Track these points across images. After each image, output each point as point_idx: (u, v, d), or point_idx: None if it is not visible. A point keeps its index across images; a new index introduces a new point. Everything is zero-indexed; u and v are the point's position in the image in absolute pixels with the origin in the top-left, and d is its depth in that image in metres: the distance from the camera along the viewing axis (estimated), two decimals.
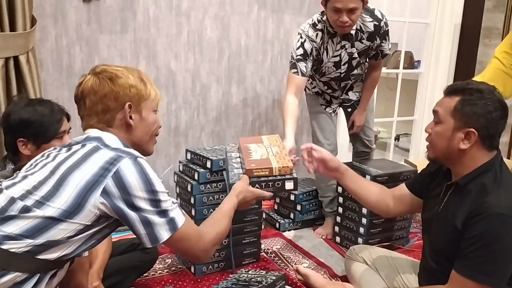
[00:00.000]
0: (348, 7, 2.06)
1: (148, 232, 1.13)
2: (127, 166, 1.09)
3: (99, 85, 1.19)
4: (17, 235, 1.02)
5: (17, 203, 1.05)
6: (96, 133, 1.19)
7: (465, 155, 1.41)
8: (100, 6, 2.33)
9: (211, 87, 2.74)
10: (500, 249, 1.29)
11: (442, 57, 3.67)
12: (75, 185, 1.06)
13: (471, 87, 1.42)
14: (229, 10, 2.69)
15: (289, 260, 2.28)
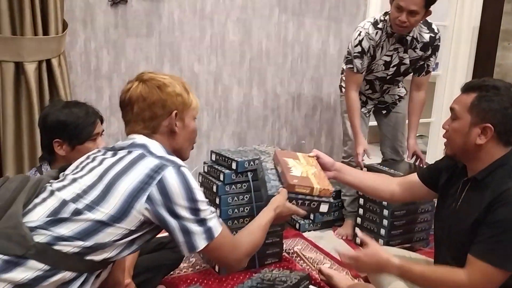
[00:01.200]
0: (410, 8, 2.14)
1: (186, 240, 1.16)
2: (171, 175, 1.13)
3: (148, 92, 1.23)
4: (69, 237, 1.07)
5: (69, 205, 1.10)
6: (142, 140, 1.22)
7: (481, 150, 1.44)
8: (127, 10, 2.39)
9: (232, 89, 2.79)
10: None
11: (460, 59, 3.68)
12: (122, 191, 1.11)
13: (487, 84, 1.45)
14: (251, 13, 2.73)
15: (310, 260, 2.31)
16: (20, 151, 2.02)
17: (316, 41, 2.98)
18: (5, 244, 1.03)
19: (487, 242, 1.36)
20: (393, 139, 2.66)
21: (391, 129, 2.67)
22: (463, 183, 1.53)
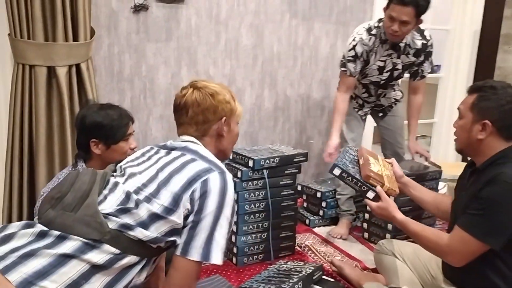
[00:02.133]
0: (402, 18, 2.27)
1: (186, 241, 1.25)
2: (215, 178, 1.28)
3: (202, 99, 1.38)
4: (133, 225, 1.20)
5: (132, 197, 1.23)
6: (194, 147, 1.36)
7: (483, 144, 1.61)
8: (148, 17, 2.52)
9: (245, 91, 2.92)
10: (501, 213, 1.49)
11: (462, 62, 3.81)
12: (175, 186, 1.25)
13: (486, 85, 1.64)
14: (263, 18, 2.86)
15: (322, 253, 2.45)
16: (51, 149, 2.15)
17: (324, 45, 3.12)
18: (85, 229, 1.16)
19: (472, 215, 1.54)
20: (393, 142, 2.80)
21: (391, 132, 2.80)
22: (469, 174, 1.71)
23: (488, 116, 1.59)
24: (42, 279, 1.08)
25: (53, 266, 1.10)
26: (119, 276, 1.19)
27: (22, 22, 2.02)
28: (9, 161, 2.15)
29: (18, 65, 2.07)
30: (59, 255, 1.12)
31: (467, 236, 1.53)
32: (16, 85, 2.08)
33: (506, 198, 1.49)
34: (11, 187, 2.17)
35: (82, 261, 1.13)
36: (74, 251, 1.14)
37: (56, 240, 1.15)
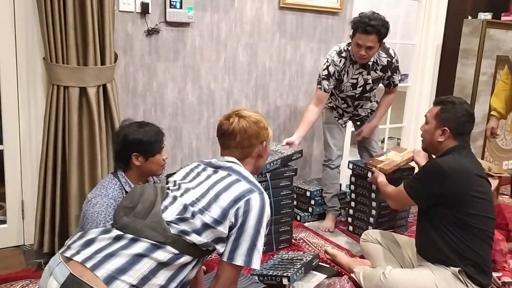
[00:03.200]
0: (367, 45, 2.67)
1: (232, 249, 1.50)
2: (255, 198, 1.54)
3: (248, 127, 1.65)
4: (189, 232, 1.47)
5: (189, 209, 1.50)
6: (237, 167, 1.63)
7: (441, 145, 2.16)
8: (158, 39, 2.83)
9: (241, 102, 3.27)
10: (420, 173, 2.20)
11: (427, 73, 4.29)
12: (223, 203, 1.51)
13: (448, 100, 2.17)
14: (257, 38, 3.22)
15: (314, 245, 2.84)
16: (81, 160, 2.43)
17: (309, 60, 3.50)
18: (152, 233, 1.44)
19: (410, 178, 2.24)
20: (368, 146, 3.22)
21: (366, 139, 3.20)
22: None
23: (447, 124, 2.10)
24: (122, 274, 1.35)
25: (130, 264, 1.37)
26: (177, 271, 1.47)
27: (58, 49, 2.30)
28: (43, 170, 2.42)
29: (53, 86, 2.34)
30: (134, 255, 1.39)
31: (401, 188, 2.21)
32: (51, 103, 2.35)
33: (427, 168, 2.16)
34: (44, 194, 2.45)
35: (151, 259, 1.40)
36: (145, 251, 1.41)
37: (130, 242, 1.42)
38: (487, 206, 2.10)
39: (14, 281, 2.22)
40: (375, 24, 2.64)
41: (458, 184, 2.03)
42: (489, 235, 2.11)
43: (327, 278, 2.34)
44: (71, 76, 2.33)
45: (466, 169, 2.07)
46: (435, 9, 4.16)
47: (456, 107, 2.12)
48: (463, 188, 2.04)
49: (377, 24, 2.65)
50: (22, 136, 2.53)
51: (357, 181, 2.98)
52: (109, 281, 1.34)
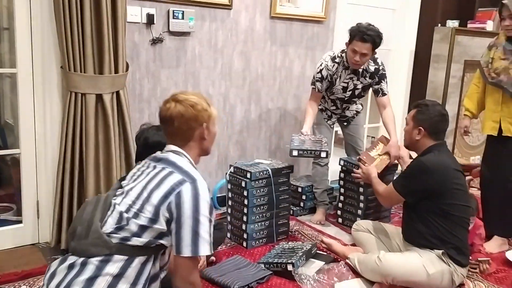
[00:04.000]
0: (362, 51, 2.96)
1: (176, 243, 1.53)
2: (186, 189, 1.54)
3: (185, 110, 1.63)
4: (130, 237, 1.52)
5: (124, 216, 1.54)
6: (173, 157, 1.64)
7: (419, 143, 2.49)
8: (162, 48, 3.03)
9: (237, 106, 3.50)
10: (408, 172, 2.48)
11: (401, 76, 4.64)
12: (155, 200, 1.54)
13: (423, 103, 2.52)
14: (250, 46, 3.46)
15: (309, 236, 3.10)
16: (97, 162, 2.61)
17: (297, 66, 3.77)
18: (96, 249, 1.50)
19: (398, 177, 2.52)
20: (354, 145, 3.50)
21: (353, 138, 3.49)
22: None
23: (423, 124, 2.43)
24: None
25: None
26: (138, 274, 1.53)
27: (76, 59, 2.47)
28: (61, 171, 2.58)
29: (71, 93, 2.51)
30: (87, 280, 1.47)
31: (392, 187, 2.48)
32: (69, 109, 2.52)
33: (414, 167, 2.45)
34: (62, 194, 2.61)
35: (104, 276, 1.47)
36: (95, 272, 1.48)
37: (81, 267, 1.49)
38: (464, 196, 2.42)
39: (39, 275, 2.38)
40: (371, 34, 2.94)
41: (440, 179, 2.33)
42: (466, 221, 2.43)
43: (326, 264, 2.61)
44: (88, 83, 2.51)
45: (446, 165, 2.39)
46: (408, 18, 4.51)
47: (429, 109, 2.45)
48: (445, 182, 2.35)
49: (373, 34, 2.95)
50: (37, 140, 2.68)
51: (346, 177, 3.26)
52: None
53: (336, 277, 2.48)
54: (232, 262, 2.60)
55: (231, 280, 2.36)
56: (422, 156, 2.46)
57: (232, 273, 2.46)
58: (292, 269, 2.45)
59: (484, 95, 3.05)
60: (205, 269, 2.45)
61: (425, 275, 2.31)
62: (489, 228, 2.92)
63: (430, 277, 2.32)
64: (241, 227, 2.87)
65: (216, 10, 3.22)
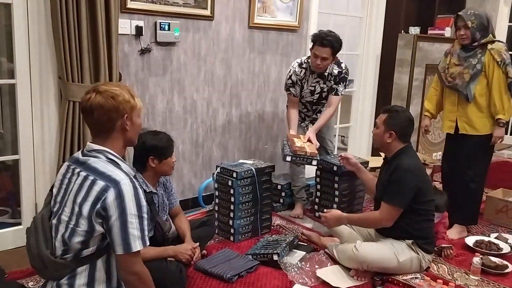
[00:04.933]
0: (322, 55, 3.24)
1: (112, 243, 1.59)
2: (111, 195, 1.55)
3: (105, 102, 1.59)
4: (79, 251, 1.62)
5: (65, 238, 1.61)
6: (94, 162, 1.62)
7: (390, 145, 2.74)
8: (150, 57, 3.23)
9: (219, 110, 3.73)
10: (404, 187, 2.58)
11: (369, 79, 4.98)
12: (85, 212, 1.58)
13: (393, 109, 2.79)
14: (231, 54, 3.70)
15: (290, 229, 3.38)
16: None
17: (273, 71, 4.03)
18: (59, 273, 1.62)
19: (390, 193, 2.64)
20: (325, 145, 3.76)
21: (323, 138, 3.73)
22: (384, 163, 2.81)
23: (394, 129, 2.70)
24: None
25: None
26: (107, 270, 1.67)
27: (74, 70, 2.66)
28: None
29: (69, 102, 2.69)
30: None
31: (390, 206, 2.61)
32: (67, 117, 2.70)
33: (403, 178, 2.61)
34: None
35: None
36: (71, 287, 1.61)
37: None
38: (431, 190, 2.74)
39: None
40: (330, 39, 3.22)
41: (421, 179, 2.66)
42: (432, 213, 2.76)
43: (307, 254, 2.88)
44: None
45: (420, 166, 2.71)
46: (374, 25, 4.85)
47: (399, 114, 2.74)
48: (423, 181, 2.67)
49: (332, 39, 3.23)
50: (35, 146, 2.84)
51: (322, 174, 3.55)
52: None
53: (317, 264, 2.75)
54: (222, 255, 2.84)
55: (223, 270, 2.61)
56: (394, 160, 2.70)
57: (223, 264, 2.70)
58: (278, 259, 2.71)
59: (442, 97, 3.40)
60: (198, 262, 2.67)
61: (396, 262, 2.62)
62: (450, 217, 3.26)
63: (401, 264, 2.63)
64: (228, 222, 3.11)
65: (199, 21, 3.45)
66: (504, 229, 3.48)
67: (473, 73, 3.10)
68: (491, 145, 3.22)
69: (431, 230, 2.78)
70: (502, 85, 3.08)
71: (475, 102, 3.14)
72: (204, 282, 2.55)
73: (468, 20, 3.06)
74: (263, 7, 3.81)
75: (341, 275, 2.67)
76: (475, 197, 3.32)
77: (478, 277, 2.72)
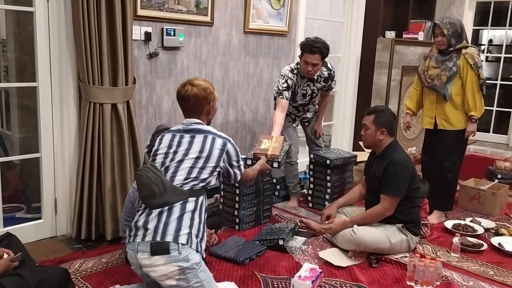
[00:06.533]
0: (313, 62, 3.54)
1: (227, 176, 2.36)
2: (230, 146, 2.28)
3: (198, 92, 2.26)
4: (197, 184, 2.18)
5: (193, 170, 2.20)
6: (203, 127, 2.29)
7: (381, 142, 3.06)
8: (157, 61, 3.47)
9: (218, 110, 3.99)
10: (401, 179, 2.93)
11: (350, 80, 5.34)
12: (215, 157, 2.24)
13: (377, 109, 3.12)
14: (228, 57, 3.97)
15: (287, 218, 3.68)
16: (113, 161, 3.01)
17: (266, 73, 4.33)
18: (176, 198, 2.10)
19: (388, 186, 2.96)
20: (314, 139, 4.10)
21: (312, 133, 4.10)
22: (374, 159, 3.14)
23: (384, 126, 3.03)
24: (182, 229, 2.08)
25: (179, 222, 2.08)
26: (201, 205, 2.18)
27: (95, 74, 2.87)
28: (81, 170, 2.95)
29: (90, 103, 2.90)
30: (177, 217, 2.07)
31: (390, 197, 2.95)
32: (88, 117, 2.91)
33: (398, 170, 2.94)
34: (82, 190, 2.99)
35: (187, 212, 2.10)
36: (181, 211, 2.09)
37: (169, 211, 2.08)
38: (416, 179, 3.10)
39: (71, 260, 2.77)
40: (318, 46, 3.52)
41: (412, 169, 3.01)
42: (419, 200, 3.13)
43: (308, 239, 3.19)
44: (105, 95, 2.92)
45: (409, 156, 3.06)
46: (354, 29, 5.21)
47: (385, 112, 3.09)
48: (414, 170, 3.02)
49: (320, 46, 3.53)
50: (55, 145, 3.04)
51: (315, 167, 3.87)
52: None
53: (318, 247, 3.06)
54: (232, 241, 3.11)
55: (236, 254, 2.88)
56: (385, 154, 3.02)
57: (234, 249, 2.97)
58: (284, 243, 3.01)
59: (422, 96, 3.77)
60: (211, 248, 2.94)
61: (388, 243, 2.97)
62: (430, 204, 3.64)
63: (393, 245, 2.98)
64: (234, 213, 3.39)
65: (201, 27, 3.70)
66: (477, 214, 3.89)
67: (449, 75, 3.48)
68: (465, 139, 3.61)
69: (418, 215, 3.14)
70: (475, 85, 3.47)
71: (451, 100, 3.52)
72: (220, 265, 2.82)
73: (444, 28, 3.44)
74: (257, 13, 4.10)
75: (340, 256, 2.99)
76: (452, 186, 3.72)
77: (458, 254, 3.10)
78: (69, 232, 3.12)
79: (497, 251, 3.19)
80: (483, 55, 7.44)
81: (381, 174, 3.00)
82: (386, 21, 5.40)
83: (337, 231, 3.06)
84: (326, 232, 3.11)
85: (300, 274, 2.52)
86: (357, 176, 4.21)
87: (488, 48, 7.85)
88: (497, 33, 7.97)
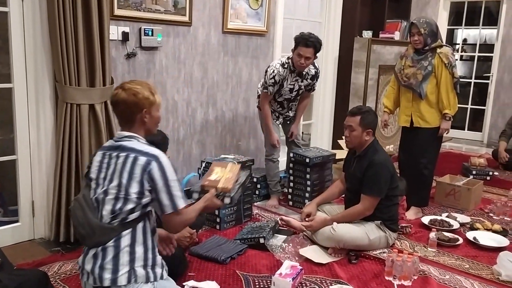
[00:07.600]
0: (306, 55, 3.58)
1: (159, 207, 1.93)
2: (154, 166, 1.87)
3: (127, 98, 1.91)
4: (126, 217, 1.89)
5: (116, 205, 1.90)
6: (129, 143, 1.92)
7: (366, 142, 3.08)
8: (135, 61, 3.45)
9: (197, 110, 4.00)
10: (380, 179, 2.97)
11: (328, 79, 5.39)
12: (135, 184, 1.88)
13: (362, 110, 3.13)
14: (207, 57, 3.97)
15: (268, 217, 3.70)
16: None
17: (245, 73, 4.34)
18: (106, 237, 1.87)
19: (368, 186, 3.00)
20: (295, 139, 4.14)
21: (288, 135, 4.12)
22: (354, 158, 3.18)
23: (370, 127, 3.07)
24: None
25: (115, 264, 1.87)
26: (144, 234, 1.93)
27: (71, 74, 2.83)
28: (58, 172, 2.92)
29: (66, 104, 2.87)
30: (112, 258, 1.86)
31: (371, 198, 2.99)
32: (65, 118, 2.88)
33: (379, 171, 2.98)
34: (59, 192, 2.95)
35: (122, 249, 1.87)
36: (115, 250, 1.87)
37: (103, 252, 1.87)
38: (396, 178, 3.15)
39: (50, 263, 2.73)
40: (313, 40, 3.58)
41: (392, 168, 3.06)
42: (397, 198, 3.18)
43: (288, 237, 3.22)
44: (83, 95, 2.89)
45: (388, 156, 3.11)
46: (332, 29, 5.27)
47: (370, 113, 3.12)
48: (394, 169, 3.07)
49: (314, 40, 3.59)
50: (32, 146, 3.00)
51: (295, 166, 3.90)
52: None
53: (298, 245, 3.09)
54: (213, 240, 3.12)
55: (216, 253, 2.89)
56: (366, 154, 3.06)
57: (215, 248, 2.98)
58: (264, 242, 3.03)
59: (399, 95, 3.83)
60: (192, 248, 2.94)
61: (367, 240, 3.01)
62: (407, 200, 3.71)
63: (371, 241, 3.03)
64: (214, 212, 3.39)
65: (179, 27, 3.70)
66: (452, 209, 3.98)
67: (425, 73, 3.55)
68: (440, 136, 3.69)
69: (396, 212, 3.20)
70: (449, 84, 3.55)
71: (426, 99, 3.59)
72: (201, 265, 2.82)
73: (421, 27, 3.51)
74: (235, 13, 4.11)
75: (320, 253, 3.02)
76: (428, 182, 3.79)
77: (435, 249, 3.16)
78: (47, 235, 3.08)
79: (472, 245, 3.26)
80: (457, 54, 7.61)
81: (362, 174, 3.03)
82: (363, 20, 5.47)
83: (317, 229, 3.09)
84: (307, 229, 3.14)
85: (281, 272, 2.54)
86: (336, 174, 4.26)
87: (462, 47, 8.03)
88: (471, 32, 8.17)
